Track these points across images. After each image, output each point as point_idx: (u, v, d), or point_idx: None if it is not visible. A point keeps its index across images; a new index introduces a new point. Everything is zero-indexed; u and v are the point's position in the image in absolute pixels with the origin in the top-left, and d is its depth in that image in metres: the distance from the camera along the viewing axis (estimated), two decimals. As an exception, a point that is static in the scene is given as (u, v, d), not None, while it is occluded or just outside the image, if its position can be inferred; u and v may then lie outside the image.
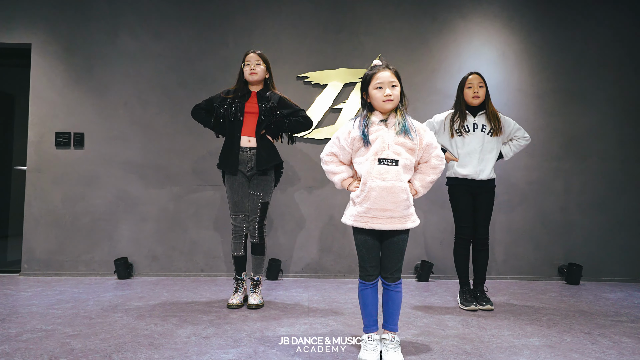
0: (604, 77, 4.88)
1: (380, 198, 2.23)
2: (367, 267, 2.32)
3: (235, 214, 3.48)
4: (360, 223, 2.28)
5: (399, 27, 4.84)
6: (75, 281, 4.28)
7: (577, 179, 4.83)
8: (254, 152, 3.44)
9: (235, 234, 3.49)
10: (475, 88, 3.48)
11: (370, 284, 2.32)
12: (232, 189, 3.48)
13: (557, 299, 3.80)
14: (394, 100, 2.30)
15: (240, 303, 3.41)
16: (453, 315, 3.23)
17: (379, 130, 2.30)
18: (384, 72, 2.32)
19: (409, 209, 2.29)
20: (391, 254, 2.30)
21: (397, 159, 2.25)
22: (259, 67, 3.50)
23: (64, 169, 4.62)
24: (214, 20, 4.78)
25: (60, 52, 4.66)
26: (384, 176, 2.24)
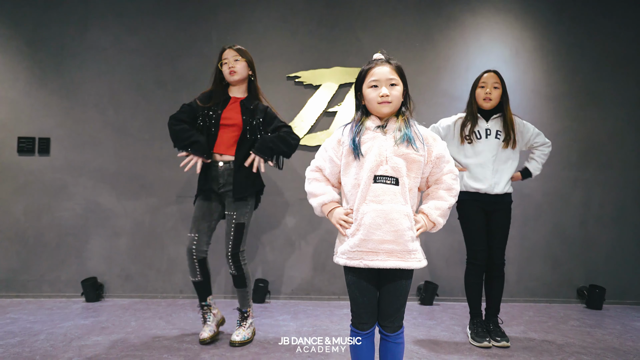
0: (626, 78, 4.44)
1: (376, 226, 1.76)
2: (361, 314, 1.84)
3: (192, 233, 2.96)
4: (354, 261, 1.80)
5: (400, 22, 4.39)
6: (36, 305, 3.82)
7: (597, 189, 4.38)
8: (227, 167, 2.93)
9: (186, 255, 2.96)
10: (489, 88, 3.01)
11: (364, 334, 1.85)
12: (200, 205, 2.99)
13: (580, 330, 3.34)
14: (392, 102, 1.84)
15: (213, 335, 2.91)
16: (463, 355, 2.76)
17: (375, 138, 1.83)
18: (382, 67, 1.86)
19: (414, 242, 1.80)
20: (391, 299, 1.83)
21: (397, 177, 1.78)
22: (239, 63, 2.99)
23: (27, 178, 4.16)
24: (195, 13, 4.33)
25: (23, 48, 4.20)
26: (381, 198, 1.77)
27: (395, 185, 1.78)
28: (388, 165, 1.78)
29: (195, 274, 2.94)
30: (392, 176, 1.78)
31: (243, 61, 3.00)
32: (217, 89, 3.04)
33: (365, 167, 1.80)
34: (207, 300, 3.03)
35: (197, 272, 2.94)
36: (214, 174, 2.94)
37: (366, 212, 1.77)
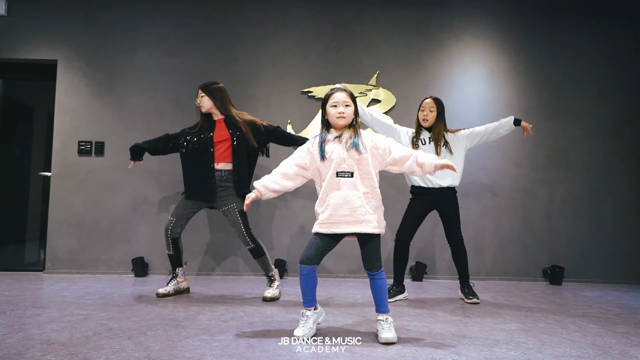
0: (586, 94, 5.30)
1: (338, 205, 2.61)
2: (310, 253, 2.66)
3: (172, 217, 3.88)
4: (323, 229, 2.65)
5: (395, 46, 5.25)
6: (96, 279, 4.64)
7: (560, 188, 5.23)
8: (219, 174, 3.80)
9: (164, 233, 3.90)
10: (426, 111, 3.90)
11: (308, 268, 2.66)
12: (185, 200, 3.90)
13: (538, 296, 4.17)
14: (346, 118, 2.67)
15: (165, 293, 3.78)
16: (441, 306, 3.60)
17: (334, 146, 2.67)
18: (340, 93, 2.70)
19: (366, 215, 2.62)
20: (367, 251, 2.67)
21: (352, 172, 2.63)
22: (203, 98, 3.89)
23: (85, 175, 5.00)
24: (224, 38, 5.19)
25: (84, 68, 5.06)
26: (341, 187, 2.63)
27: (351, 177, 2.63)
28: (345, 164, 2.64)
29: (169, 248, 3.90)
30: (349, 171, 2.63)
31: (205, 96, 3.89)
32: (203, 118, 3.98)
33: (330, 166, 2.65)
34: (176, 270, 3.93)
35: (170, 248, 3.89)
36: (212, 181, 3.80)
37: (332, 195, 2.64)
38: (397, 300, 3.83)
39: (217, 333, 2.65)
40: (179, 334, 2.62)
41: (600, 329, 2.98)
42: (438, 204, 3.93)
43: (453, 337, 2.69)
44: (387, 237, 4.91)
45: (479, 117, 5.17)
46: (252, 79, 5.18)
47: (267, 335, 2.65)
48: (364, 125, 3.96)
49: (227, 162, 3.84)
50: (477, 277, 5.01)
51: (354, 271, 5.03)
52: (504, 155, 5.21)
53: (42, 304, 3.37)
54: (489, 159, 5.19)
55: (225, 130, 3.84)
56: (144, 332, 2.63)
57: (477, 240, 5.13)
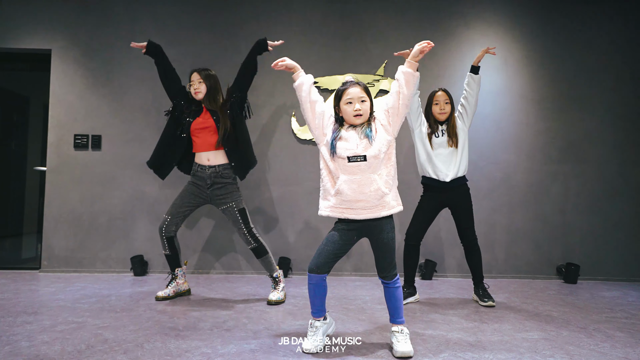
0: (602, 83, 5.08)
1: (351, 190, 2.41)
2: (319, 261, 2.50)
3: (167, 215, 3.68)
4: (335, 213, 2.47)
5: (404, 35, 5.03)
6: (93, 278, 4.47)
7: (575, 182, 5.03)
8: (213, 171, 3.62)
9: (158, 232, 3.70)
10: (442, 105, 3.70)
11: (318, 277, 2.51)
12: (181, 194, 3.71)
13: (555, 297, 3.99)
14: (363, 115, 2.47)
15: (165, 296, 3.60)
16: (456, 310, 3.42)
17: (348, 135, 2.46)
18: (354, 87, 2.49)
19: (382, 198, 2.43)
20: (382, 254, 2.48)
21: (365, 154, 2.40)
22: (201, 85, 3.69)
23: (82, 170, 4.81)
24: (227, 27, 4.97)
25: (79, 58, 4.85)
26: (354, 171, 2.42)
27: (364, 161, 2.40)
28: (358, 149, 2.41)
29: (164, 248, 3.70)
30: (361, 155, 2.40)
31: (205, 84, 3.70)
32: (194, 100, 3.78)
33: (342, 151, 2.43)
34: (175, 271, 3.75)
35: (166, 247, 3.70)
36: (201, 174, 3.65)
37: (344, 180, 2.42)
38: (408, 303, 3.65)
39: (219, 345, 2.48)
40: (178, 347, 2.44)
41: (629, 337, 2.80)
42: (449, 201, 3.74)
43: (473, 349, 2.51)
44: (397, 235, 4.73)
45: (490, 107, 4.98)
46: (254, 69, 4.96)
47: (273, 349, 2.47)
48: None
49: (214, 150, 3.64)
50: (488, 275, 4.82)
51: (360, 269, 4.85)
52: (517, 148, 5.01)
53: (35, 309, 3.20)
54: (501, 152, 4.99)
55: (210, 118, 3.66)
56: (141, 345, 2.45)
57: (489, 236, 4.94)
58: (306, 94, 2.57)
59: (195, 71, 3.75)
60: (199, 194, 3.69)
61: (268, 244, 4.78)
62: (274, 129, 4.92)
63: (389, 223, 2.51)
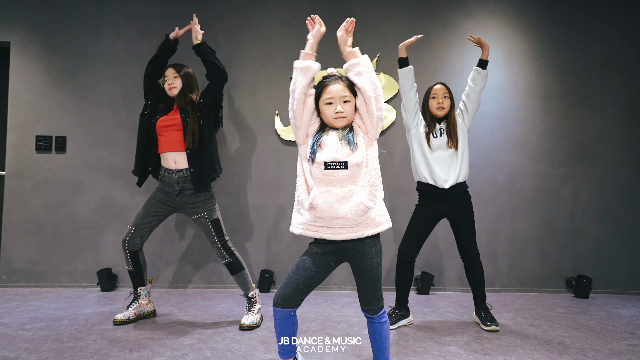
0: (614, 78, 4.64)
1: (328, 205, 1.97)
2: (287, 293, 2.05)
3: (131, 226, 3.24)
4: (309, 232, 2.04)
5: (398, 25, 4.60)
6: (55, 294, 4.05)
7: (586, 185, 4.59)
8: (181, 175, 3.20)
9: (121, 246, 3.27)
10: (440, 99, 3.28)
11: (284, 312, 2.06)
12: (147, 203, 3.29)
13: (566, 317, 3.56)
14: (346, 117, 2.04)
15: (124, 319, 3.17)
16: (454, 337, 2.99)
17: (332, 138, 2.05)
18: (336, 85, 2.06)
19: (365, 213, 1.99)
20: (365, 283, 2.05)
21: (346, 161, 1.97)
22: (177, 80, 3.30)
23: (45, 175, 4.39)
24: (203, 18, 4.51)
25: (41, 51, 4.43)
26: (331, 181, 1.98)
27: (344, 169, 1.97)
28: (338, 154, 1.98)
29: (127, 263, 3.26)
30: (341, 161, 1.97)
31: (180, 79, 3.32)
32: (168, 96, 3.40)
33: (319, 156, 2.01)
34: (137, 290, 3.32)
35: (130, 262, 3.25)
36: (167, 180, 3.24)
37: (320, 192, 1.99)
38: (400, 326, 3.23)
39: (166, 393, 2.05)
40: (115, 396, 2.01)
41: (657, 376, 2.37)
42: (449, 211, 3.31)
43: (473, 396, 2.08)
44: (389, 242, 4.30)
45: (493, 104, 4.55)
46: (235, 64, 4.54)
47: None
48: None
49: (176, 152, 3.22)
50: (491, 289, 4.40)
51: (352, 282, 4.41)
52: (522, 149, 4.57)
53: (-31, 338, 2.78)
54: (504, 154, 4.55)
55: (178, 116, 3.25)
56: (71, 394, 2.03)
57: (492, 246, 4.51)
58: (307, 82, 2.13)
59: (170, 66, 3.37)
60: (167, 201, 3.27)
61: (250, 255, 4.39)
62: (256, 129, 4.50)
63: (374, 246, 2.06)
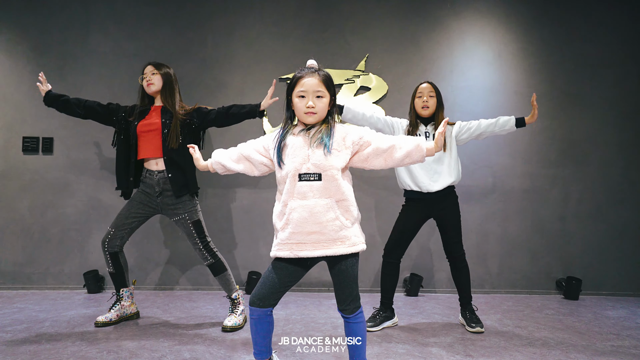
0: (604, 79, 4.63)
1: (302, 220, 1.93)
2: (263, 292, 2.01)
3: (111, 227, 3.22)
4: (284, 252, 1.97)
5: (387, 26, 4.59)
6: (41, 296, 4.03)
7: (575, 186, 4.57)
8: (162, 176, 3.17)
9: (102, 247, 3.22)
10: (425, 97, 3.24)
11: (260, 311, 2.01)
12: (128, 204, 3.26)
13: (553, 318, 3.53)
14: (317, 113, 2.00)
15: (106, 321, 3.15)
16: (438, 338, 2.96)
17: (297, 142, 2.00)
18: (310, 78, 2.01)
19: (341, 230, 1.95)
20: (340, 284, 2.00)
21: (320, 173, 1.94)
22: (155, 76, 3.26)
23: (31, 176, 4.38)
24: (191, 18, 4.54)
25: (28, 52, 4.42)
26: (306, 194, 1.94)
27: (318, 180, 1.94)
28: (310, 163, 1.95)
29: (108, 265, 3.24)
30: (315, 172, 1.94)
31: (158, 74, 3.27)
32: (143, 102, 3.39)
33: (291, 166, 1.97)
34: (120, 291, 3.29)
35: (110, 264, 3.23)
36: (149, 182, 3.21)
37: (294, 207, 1.95)
38: (384, 327, 3.20)
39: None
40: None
41: (638, 377, 2.34)
42: (435, 212, 3.28)
43: (450, 397, 2.05)
44: (377, 244, 4.28)
45: (483, 105, 4.54)
46: (223, 65, 4.54)
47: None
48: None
49: (157, 157, 3.19)
50: (481, 291, 4.38)
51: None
52: (511, 150, 4.55)
53: (-53, 340, 2.75)
54: (494, 155, 4.53)
55: (157, 118, 3.21)
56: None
57: (481, 247, 4.48)
58: (236, 164, 2.21)
59: (150, 64, 3.33)
60: (148, 202, 3.25)
61: (236, 257, 4.37)
62: (245, 130, 4.45)
63: (351, 255, 2.01)
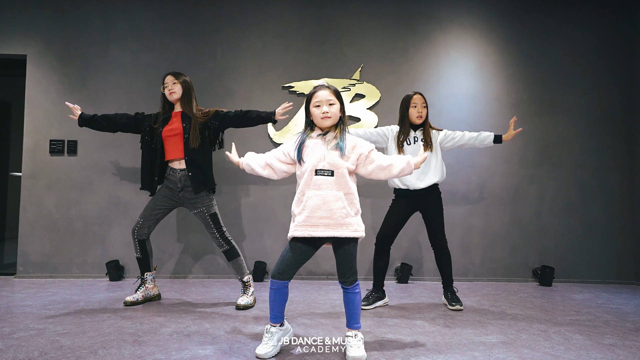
0: (578, 86, 5.11)
1: (316, 207, 2.43)
2: (282, 267, 2.49)
3: (140, 217, 3.68)
4: (299, 232, 2.45)
5: (380, 39, 5.05)
6: (68, 283, 4.47)
7: (551, 185, 5.05)
8: (184, 174, 3.63)
9: (132, 235, 3.69)
10: (419, 108, 3.71)
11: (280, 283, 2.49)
12: (154, 198, 3.72)
13: (526, 300, 4.00)
14: (331, 118, 2.52)
15: (133, 301, 3.61)
16: (422, 314, 3.43)
17: (316, 144, 2.51)
18: (323, 90, 2.54)
19: (347, 218, 2.44)
20: (342, 260, 2.48)
21: (333, 170, 2.45)
22: (176, 86, 3.69)
23: (57, 175, 4.82)
24: (202, 32, 4.99)
25: (54, 63, 4.86)
26: (321, 186, 2.44)
27: (330, 176, 2.45)
28: (325, 161, 2.45)
29: (136, 250, 3.70)
30: (328, 169, 2.45)
31: (179, 84, 3.71)
32: (164, 109, 3.82)
33: (309, 163, 2.47)
34: (144, 275, 3.75)
35: (138, 250, 3.70)
36: (172, 178, 3.68)
37: (310, 196, 2.44)
38: (376, 307, 3.67)
39: (174, 351, 2.48)
40: (132, 352, 2.44)
41: (586, 340, 2.81)
42: (420, 206, 3.75)
43: (428, 353, 2.52)
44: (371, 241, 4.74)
45: (466, 111, 5.01)
46: (231, 74, 4.99)
47: (227, 354, 2.47)
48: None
49: (180, 158, 3.66)
50: (464, 279, 4.85)
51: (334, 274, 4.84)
52: (493, 151, 5.02)
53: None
54: (477, 155, 5.00)
55: (179, 124, 3.68)
56: (96, 351, 2.45)
57: (465, 239, 4.96)
58: (262, 169, 2.73)
59: (169, 74, 3.76)
60: (171, 196, 3.71)
61: (244, 248, 4.81)
62: (250, 133, 4.92)
63: (353, 239, 2.52)
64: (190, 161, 3.61)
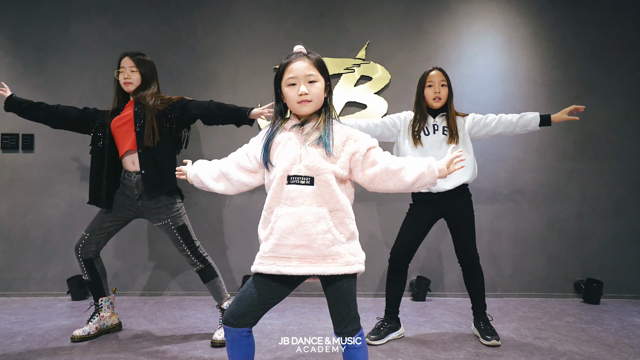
0: (624, 65, 4.33)
1: (288, 231, 1.64)
2: (239, 309, 1.69)
3: (85, 231, 2.95)
4: (265, 266, 1.67)
5: (389, 11, 4.30)
6: (21, 304, 3.77)
7: (594, 181, 4.28)
8: (140, 177, 2.85)
9: (75, 253, 2.94)
10: (437, 87, 2.94)
11: (235, 331, 1.70)
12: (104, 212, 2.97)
13: (575, 327, 3.24)
14: (312, 101, 1.72)
15: (84, 335, 2.86)
16: (449, 353, 2.68)
17: (290, 140, 1.73)
18: (299, 62, 1.73)
19: (333, 246, 1.65)
20: (335, 304, 1.69)
21: (312, 176, 1.66)
22: (134, 74, 2.93)
23: (11, 175, 4.14)
24: (180, 5, 4.26)
25: (5, 43, 4.18)
26: (295, 200, 1.65)
27: (310, 185, 1.65)
28: (301, 164, 1.67)
29: (83, 272, 2.96)
30: (307, 176, 1.66)
31: (137, 72, 2.94)
32: (119, 97, 3.06)
33: (279, 167, 1.69)
34: (98, 301, 3.00)
35: (85, 272, 2.95)
36: (127, 184, 2.92)
37: (279, 214, 1.67)
38: (389, 340, 2.91)
39: None
40: None
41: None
42: (446, 212, 2.99)
43: None
44: (382, 245, 3.99)
45: (493, 95, 4.27)
46: (214, 54, 4.27)
47: None
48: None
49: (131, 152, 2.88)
50: (492, 294, 4.09)
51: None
52: (525, 142, 4.25)
53: None
54: (506, 147, 4.24)
55: (130, 110, 2.90)
56: None
57: (492, 247, 4.20)
58: (215, 183, 1.93)
59: (126, 55, 2.98)
60: (127, 205, 2.95)
61: (230, 260, 4.12)
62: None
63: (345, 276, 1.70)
64: (143, 155, 2.83)
